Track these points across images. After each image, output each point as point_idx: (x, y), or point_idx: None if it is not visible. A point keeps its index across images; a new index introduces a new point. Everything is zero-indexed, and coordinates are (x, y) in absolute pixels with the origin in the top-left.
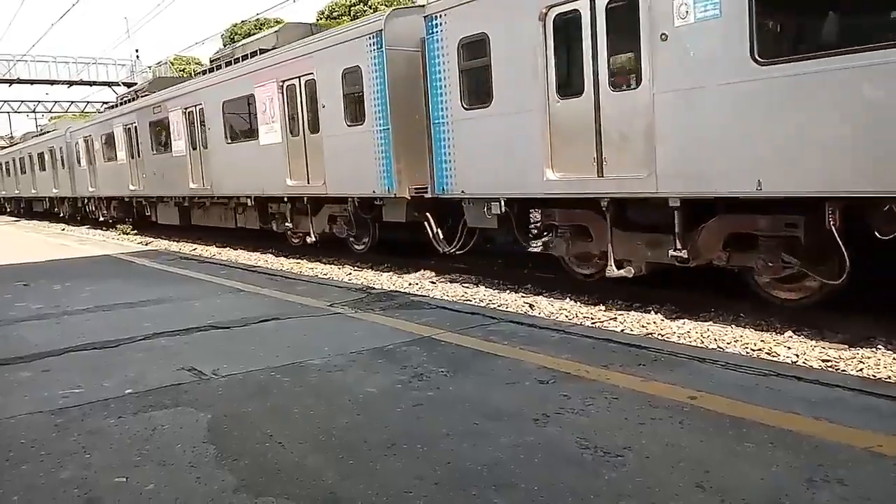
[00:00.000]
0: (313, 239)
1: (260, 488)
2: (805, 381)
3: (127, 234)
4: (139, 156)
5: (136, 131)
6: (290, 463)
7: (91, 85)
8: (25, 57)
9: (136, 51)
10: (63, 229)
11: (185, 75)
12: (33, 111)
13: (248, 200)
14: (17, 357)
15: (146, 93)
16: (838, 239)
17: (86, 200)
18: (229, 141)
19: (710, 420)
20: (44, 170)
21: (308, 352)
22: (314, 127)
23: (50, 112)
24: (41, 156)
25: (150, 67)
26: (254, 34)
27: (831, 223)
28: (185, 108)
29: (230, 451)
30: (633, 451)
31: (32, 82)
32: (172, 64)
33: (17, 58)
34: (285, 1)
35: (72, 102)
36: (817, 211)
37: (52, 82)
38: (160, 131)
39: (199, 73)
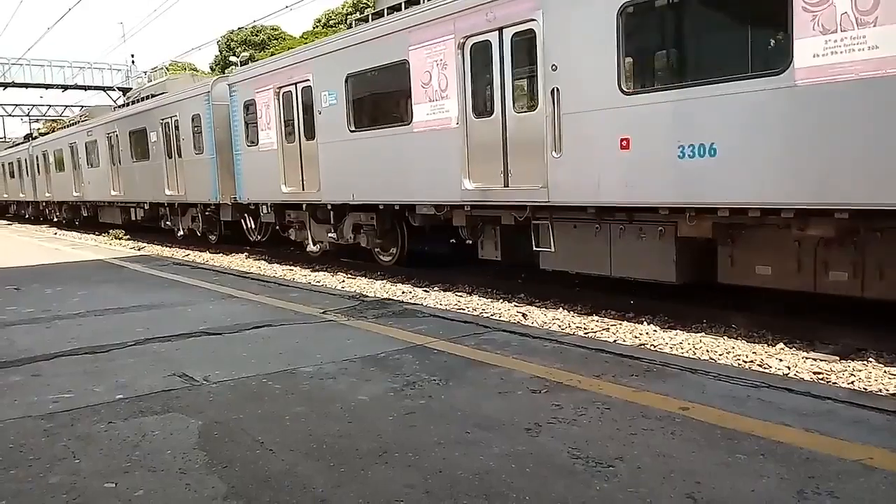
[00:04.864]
0: None
1: (250, 495)
2: (796, 392)
3: (119, 238)
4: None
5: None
6: (280, 470)
7: (86, 89)
8: (21, 60)
9: (132, 56)
10: (56, 233)
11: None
12: (27, 115)
13: None
14: (8, 361)
15: None
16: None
17: (260, 209)
18: None
19: (702, 431)
20: (141, 158)
21: (300, 359)
22: None
23: (44, 116)
24: (137, 137)
25: (145, 72)
26: (250, 41)
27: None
28: None
29: (220, 458)
30: (624, 462)
31: (27, 86)
32: (169, 69)
33: (13, 61)
34: (282, 9)
35: (66, 107)
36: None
37: (47, 86)
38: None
39: None
